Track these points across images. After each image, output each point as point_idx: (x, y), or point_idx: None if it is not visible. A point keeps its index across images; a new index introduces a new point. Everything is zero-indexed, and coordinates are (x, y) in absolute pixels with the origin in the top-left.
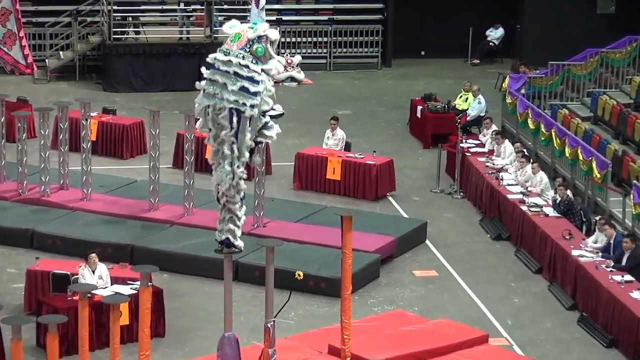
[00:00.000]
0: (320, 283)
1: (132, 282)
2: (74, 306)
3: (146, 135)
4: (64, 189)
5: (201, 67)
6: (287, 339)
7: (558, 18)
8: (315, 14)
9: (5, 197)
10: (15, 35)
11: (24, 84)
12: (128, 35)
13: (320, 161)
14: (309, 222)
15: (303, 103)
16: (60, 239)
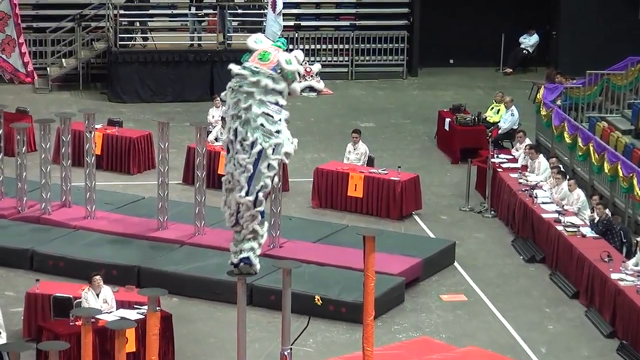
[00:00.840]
0: (341, 308)
1: (139, 307)
2: (76, 332)
3: (154, 149)
4: (66, 207)
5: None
6: None
7: (597, 24)
8: (336, 19)
9: (3, 215)
10: (15, 41)
11: (23, 93)
12: (135, 42)
13: (341, 177)
14: (328, 243)
15: (323, 115)
16: (62, 259)
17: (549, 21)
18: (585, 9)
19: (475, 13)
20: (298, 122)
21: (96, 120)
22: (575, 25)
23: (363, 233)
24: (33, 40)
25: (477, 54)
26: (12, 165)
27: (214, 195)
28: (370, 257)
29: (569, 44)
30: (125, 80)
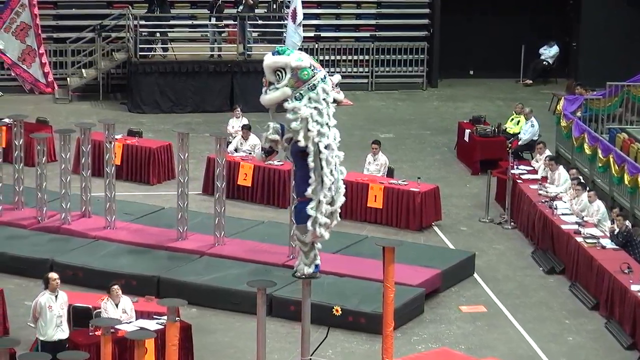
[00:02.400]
0: (360, 319)
1: (158, 317)
2: (96, 342)
3: (174, 160)
4: (85, 217)
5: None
6: None
7: (617, 35)
8: (356, 30)
9: (23, 225)
10: (35, 51)
11: (43, 103)
12: (155, 53)
13: (361, 188)
14: (348, 253)
15: (342, 126)
16: (82, 269)
17: (569, 33)
18: (606, 21)
19: (495, 24)
20: None
21: (116, 131)
22: (595, 37)
23: (383, 244)
24: (53, 51)
25: (497, 65)
26: (32, 175)
27: (234, 206)
28: (390, 268)
29: (589, 56)
30: (145, 90)
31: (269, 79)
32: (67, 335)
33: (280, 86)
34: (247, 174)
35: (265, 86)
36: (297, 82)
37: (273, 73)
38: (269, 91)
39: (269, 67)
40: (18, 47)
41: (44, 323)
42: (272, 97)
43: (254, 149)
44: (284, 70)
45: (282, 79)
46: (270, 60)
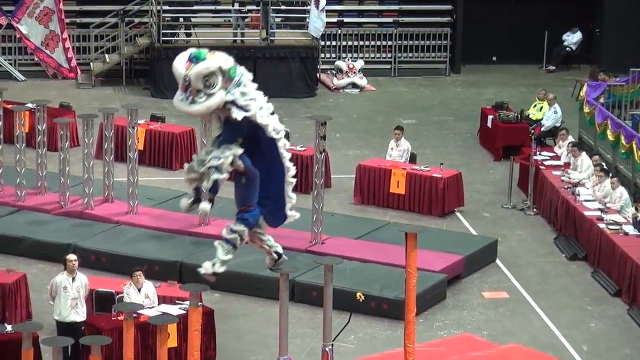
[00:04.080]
0: (383, 304)
1: (180, 302)
2: (118, 327)
3: (197, 144)
4: (108, 202)
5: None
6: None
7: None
8: (379, 16)
9: (46, 210)
10: (58, 36)
11: (66, 88)
12: (178, 38)
13: (384, 174)
14: (370, 239)
15: (365, 111)
16: (104, 254)
17: (592, 19)
18: (629, 6)
19: (518, 10)
20: (341, 118)
21: (139, 116)
22: (618, 23)
23: (405, 230)
24: (76, 36)
25: (520, 51)
26: (55, 160)
27: None
28: (412, 254)
29: (612, 42)
30: (168, 76)
31: (196, 86)
32: (82, 318)
33: (215, 91)
34: None
35: (192, 94)
36: (227, 82)
37: (202, 79)
38: (199, 99)
39: (200, 74)
40: (41, 32)
41: (58, 303)
42: (210, 105)
43: None
44: (214, 75)
45: (214, 84)
46: (201, 67)
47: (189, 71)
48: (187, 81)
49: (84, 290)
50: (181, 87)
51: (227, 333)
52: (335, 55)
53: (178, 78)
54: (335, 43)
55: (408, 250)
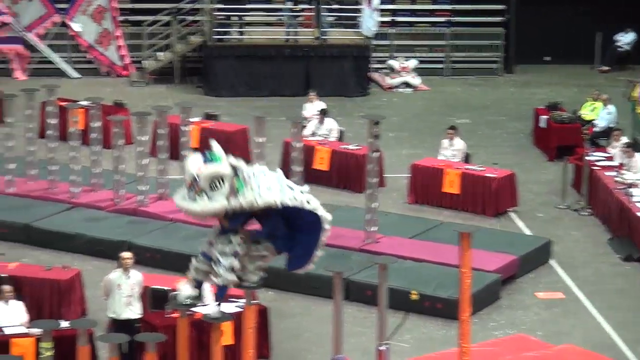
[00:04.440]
0: (437, 304)
1: (235, 300)
2: (172, 324)
3: (251, 143)
4: (162, 199)
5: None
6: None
7: None
8: (432, 15)
9: (100, 207)
10: (112, 34)
11: (120, 86)
12: (231, 37)
13: (437, 173)
14: (424, 239)
15: (418, 111)
16: (159, 252)
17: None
18: None
19: (571, 10)
20: (394, 117)
21: (192, 114)
22: None
23: (459, 229)
24: (130, 34)
25: (573, 51)
26: (109, 158)
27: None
28: (467, 253)
29: None
30: (221, 74)
31: (202, 186)
32: (137, 315)
33: (218, 197)
34: (323, 158)
35: (195, 193)
36: (231, 192)
37: (209, 181)
38: (200, 199)
39: (208, 176)
40: (95, 29)
41: (112, 300)
42: (211, 209)
43: (330, 133)
44: (222, 180)
45: (219, 188)
46: (213, 169)
47: (200, 171)
48: (195, 180)
49: (138, 287)
50: (187, 185)
51: (282, 331)
52: (388, 55)
53: (188, 176)
54: (387, 42)
55: (462, 249)
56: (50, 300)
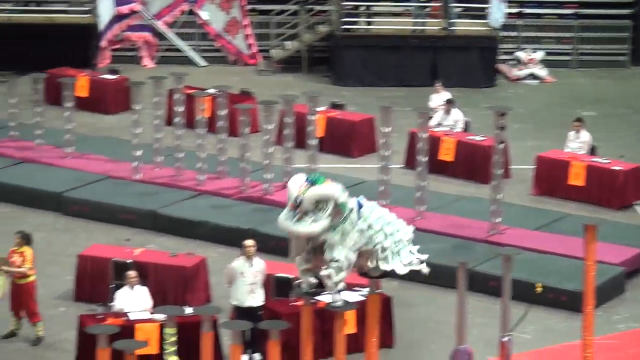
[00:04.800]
0: (561, 296)
1: (359, 289)
2: (296, 312)
3: (376, 133)
4: None
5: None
6: (523, 354)
7: None
8: (560, 7)
9: (226, 195)
10: (239, 23)
11: (247, 75)
12: (359, 27)
13: (563, 165)
14: (549, 231)
15: (544, 102)
16: (284, 240)
17: None
18: None
19: None
20: (520, 109)
21: (319, 103)
22: None
23: (585, 222)
24: (257, 23)
25: None
26: (235, 146)
27: (435, 180)
28: (591, 246)
29: None
30: (348, 64)
31: (306, 208)
32: (260, 303)
33: (322, 218)
34: (449, 149)
35: (299, 215)
36: (336, 215)
37: (313, 203)
38: (303, 221)
39: (312, 198)
40: (223, 18)
41: (235, 288)
42: (314, 230)
43: (456, 124)
44: (326, 202)
45: (324, 209)
46: (316, 192)
47: (303, 193)
48: (297, 202)
49: (261, 275)
50: (290, 206)
51: (405, 321)
52: (515, 46)
53: (290, 197)
54: (514, 34)
55: (587, 242)
56: (175, 287)
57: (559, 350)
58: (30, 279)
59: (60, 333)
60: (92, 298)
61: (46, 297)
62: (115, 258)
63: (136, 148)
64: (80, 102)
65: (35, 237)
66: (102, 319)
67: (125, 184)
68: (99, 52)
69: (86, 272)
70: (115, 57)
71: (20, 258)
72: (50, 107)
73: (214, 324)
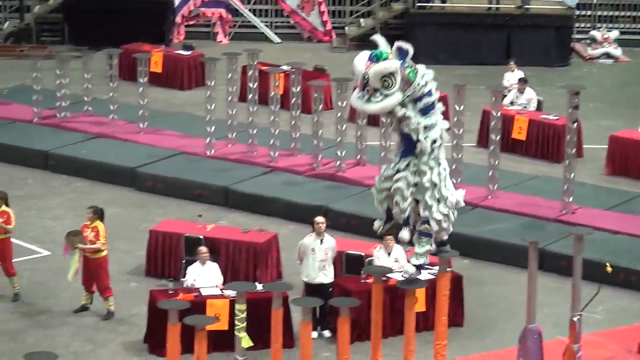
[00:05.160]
0: (632, 277)
1: (430, 267)
2: (367, 289)
3: (449, 111)
4: (360, 165)
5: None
6: (593, 334)
7: None
8: None
9: (298, 172)
10: (314, 0)
11: (321, 52)
12: (433, 4)
13: (636, 145)
14: (621, 211)
15: (618, 82)
16: (355, 218)
17: None
18: None
19: None
20: (594, 88)
21: None
22: None
23: None
24: (332, 0)
25: None
26: (308, 122)
27: (508, 159)
28: None
29: None
30: (422, 41)
31: (374, 85)
32: (330, 280)
33: (392, 92)
34: (521, 128)
35: (369, 93)
36: (405, 85)
37: (380, 80)
38: (375, 99)
39: (379, 74)
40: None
41: (306, 264)
42: (386, 105)
43: (529, 102)
44: (393, 76)
45: (392, 84)
46: (381, 67)
47: (369, 70)
48: (365, 79)
49: (331, 252)
50: (359, 86)
51: (476, 300)
52: (589, 25)
53: (357, 76)
54: (590, 13)
55: None
56: (246, 263)
57: (629, 331)
58: (102, 254)
59: (131, 308)
60: (164, 273)
61: (118, 272)
62: (187, 234)
63: (209, 124)
64: (155, 77)
65: (108, 212)
66: (173, 294)
67: (198, 160)
68: (174, 27)
69: (158, 248)
70: (189, 33)
71: (93, 233)
72: (125, 83)
73: (285, 301)
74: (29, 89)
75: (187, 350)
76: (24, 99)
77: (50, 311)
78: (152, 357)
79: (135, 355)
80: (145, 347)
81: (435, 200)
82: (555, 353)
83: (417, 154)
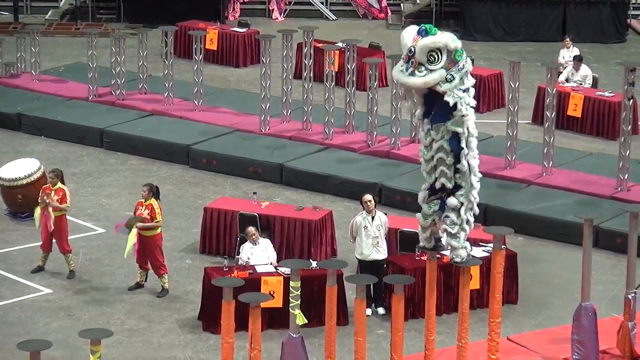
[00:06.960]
0: None
1: (484, 244)
2: (421, 267)
3: (504, 88)
4: (415, 142)
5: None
6: None
7: None
8: None
9: (353, 149)
10: None
11: (376, 29)
12: None
13: None
14: None
15: None
16: (410, 195)
17: None
18: None
19: None
20: None
21: None
22: None
23: None
24: None
25: None
26: (363, 99)
27: (562, 136)
28: None
29: None
30: (479, 18)
31: (419, 59)
32: (384, 256)
33: (436, 68)
34: (577, 105)
35: (413, 67)
36: (450, 63)
37: (426, 54)
38: (419, 73)
39: (426, 47)
40: None
41: (359, 242)
42: (429, 80)
43: (585, 79)
44: (439, 51)
45: (437, 60)
46: (428, 41)
47: (416, 43)
48: (411, 53)
49: (384, 228)
50: (404, 58)
51: (530, 277)
52: None
53: (403, 48)
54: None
55: None
56: (301, 240)
57: None
58: (157, 231)
59: (185, 285)
60: (218, 251)
61: (172, 250)
62: (241, 211)
63: (264, 101)
64: (210, 55)
65: (163, 189)
66: (227, 271)
67: (253, 137)
68: (229, 5)
69: (212, 225)
70: (245, 10)
71: (147, 210)
72: (180, 60)
73: (339, 278)
74: (84, 67)
75: (241, 328)
76: (79, 77)
77: (105, 288)
78: (206, 335)
79: (190, 332)
80: (199, 325)
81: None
82: (610, 331)
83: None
